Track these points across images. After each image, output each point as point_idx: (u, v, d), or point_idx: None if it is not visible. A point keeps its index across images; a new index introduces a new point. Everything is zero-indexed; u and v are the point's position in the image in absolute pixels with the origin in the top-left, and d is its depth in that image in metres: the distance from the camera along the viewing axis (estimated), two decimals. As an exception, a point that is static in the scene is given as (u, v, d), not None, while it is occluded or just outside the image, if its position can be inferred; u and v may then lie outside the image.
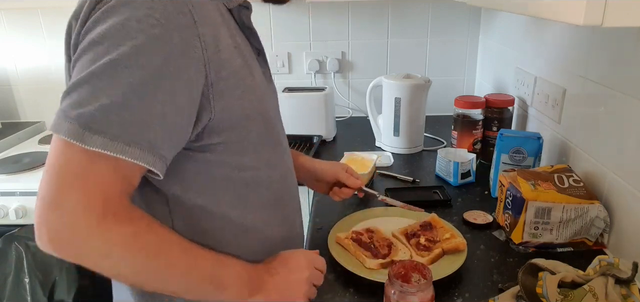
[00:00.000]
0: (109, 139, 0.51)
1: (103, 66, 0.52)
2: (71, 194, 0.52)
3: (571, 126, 1.10)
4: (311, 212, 1.15)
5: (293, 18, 1.83)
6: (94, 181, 0.53)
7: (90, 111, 0.51)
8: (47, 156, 0.54)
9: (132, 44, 0.52)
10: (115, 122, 0.52)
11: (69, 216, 0.51)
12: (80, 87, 0.52)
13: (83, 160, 0.52)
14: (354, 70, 1.91)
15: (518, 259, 0.92)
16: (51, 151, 0.53)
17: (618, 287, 0.67)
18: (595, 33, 0.98)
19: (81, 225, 0.52)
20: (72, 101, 0.52)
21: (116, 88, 0.52)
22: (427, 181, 1.30)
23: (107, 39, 0.52)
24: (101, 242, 0.53)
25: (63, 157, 0.52)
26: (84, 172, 0.52)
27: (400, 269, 0.71)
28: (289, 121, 1.62)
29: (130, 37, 0.52)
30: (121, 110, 0.52)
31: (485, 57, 1.78)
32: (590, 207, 0.91)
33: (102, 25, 0.53)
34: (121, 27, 0.52)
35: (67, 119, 0.51)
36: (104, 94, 0.51)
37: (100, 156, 0.52)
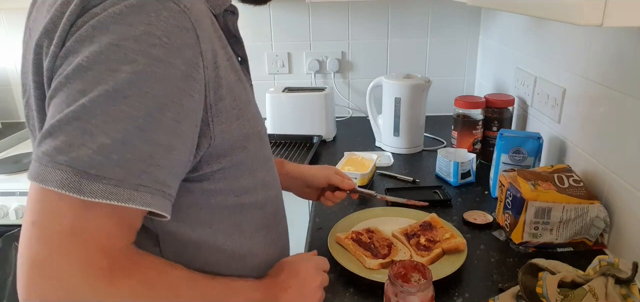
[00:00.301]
0: (113, 186, 0.43)
1: (97, 98, 0.43)
2: (69, 257, 0.43)
3: (571, 126, 1.10)
4: (311, 212, 1.15)
5: (293, 18, 1.83)
6: (95, 237, 0.45)
7: (87, 154, 0.42)
8: (28, 207, 0.44)
9: (131, 70, 0.43)
10: (117, 165, 0.43)
11: (69, 285, 0.43)
12: (68, 125, 0.43)
13: (80, 213, 0.44)
14: (354, 70, 1.91)
15: (518, 259, 0.92)
16: (34, 203, 0.44)
17: (618, 287, 0.67)
18: (595, 33, 0.98)
19: (85, 293, 0.44)
20: (59, 143, 0.42)
21: (115, 123, 0.43)
22: (427, 181, 1.30)
23: (99, 63, 0.43)
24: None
25: (53, 211, 0.43)
26: (82, 227, 0.44)
27: (400, 269, 0.71)
28: (289, 121, 1.62)
29: (128, 60, 0.43)
30: (123, 150, 0.44)
31: (485, 57, 1.78)
32: (590, 207, 0.91)
33: (90, 46, 0.44)
34: (116, 48, 0.43)
35: (56, 166, 0.42)
36: (101, 132, 0.43)
37: (101, 206, 0.44)
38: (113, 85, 0.43)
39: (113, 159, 0.43)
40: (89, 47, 0.44)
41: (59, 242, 0.43)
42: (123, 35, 0.44)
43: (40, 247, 0.43)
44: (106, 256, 0.45)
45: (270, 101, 1.62)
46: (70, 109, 0.43)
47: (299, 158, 1.46)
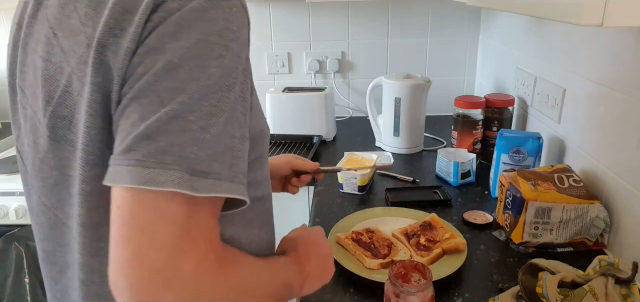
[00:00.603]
0: (216, 180, 0.44)
1: (192, 96, 0.43)
2: (187, 258, 0.42)
3: (571, 126, 1.10)
4: (311, 212, 1.15)
5: (293, 18, 1.83)
6: (203, 233, 0.45)
7: (192, 151, 0.42)
8: (126, 215, 0.42)
9: (218, 65, 0.44)
10: (215, 159, 0.44)
11: (192, 285, 0.43)
12: (167, 125, 0.42)
13: (190, 212, 0.43)
14: (354, 70, 1.91)
15: (518, 259, 0.92)
16: (139, 209, 0.42)
17: (618, 287, 0.67)
18: (595, 33, 0.98)
19: (206, 290, 0.44)
20: (162, 144, 0.42)
21: (209, 119, 0.44)
22: (427, 181, 1.30)
23: (189, 60, 0.43)
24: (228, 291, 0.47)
25: (165, 214, 0.42)
26: (193, 225, 0.44)
27: (400, 269, 0.71)
28: (289, 121, 1.62)
29: (215, 55, 0.44)
30: (218, 144, 0.44)
31: (485, 57, 1.78)
32: (590, 207, 0.91)
33: (176, 43, 0.43)
34: (204, 44, 0.44)
35: (166, 167, 0.41)
36: (199, 128, 0.43)
37: (204, 202, 0.44)
38: (205, 81, 0.43)
39: (211, 154, 0.44)
40: (175, 43, 0.43)
41: (175, 244, 0.42)
42: (208, 31, 0.44)
43: (157, 253, 0.41)
44: (213, 249, 0.46)
45: (270, 101, 1.62)
46: (167, 108, 0.42)
47: (299, 158, 1.46)
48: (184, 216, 0.43)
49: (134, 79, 0.44)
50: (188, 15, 0.43)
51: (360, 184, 1.21)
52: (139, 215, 0.42)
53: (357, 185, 1.21)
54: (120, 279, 0.42)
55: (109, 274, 0.43)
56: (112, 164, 0.43)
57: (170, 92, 0.42)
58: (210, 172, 0.43)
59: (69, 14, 0.48)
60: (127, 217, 0.42)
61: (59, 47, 0.48)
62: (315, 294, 0.83)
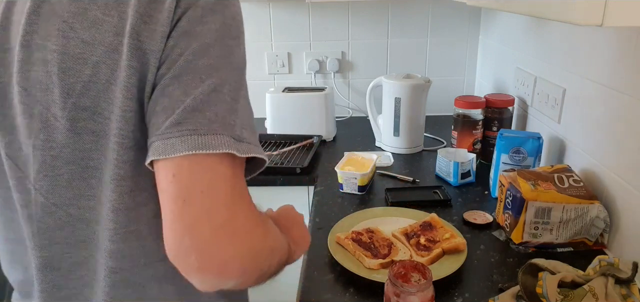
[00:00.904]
0: (249, 144, 0.50)
1: (225, 71, 0.49)
2: (244, 212, 0.49)
3: (571, 126, 1.10)
4: (311, 212, 1.15)
5: (293, 18, 1.83)
6: (246, 191, 0.51)
7: (232, 119, 0.49)
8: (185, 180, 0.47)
9: (239, 43, 0.52)
10: (244, 127, 0.50)
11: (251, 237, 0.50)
12: (210, 97, 0.48)
13: (236, 172, 0.49)
14: (354, 70, 1.91)
15: (518, 259, 0.92)
16: (197, 174, 0.47)
17: (618, 287, 0.67)
18: (595, 33, 0.98)
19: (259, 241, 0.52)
20: (210, 115, 0.47)
21: (239, 91, 0.51)
22: (427, 181, 1.30)
23: (219, 40, 0.49)
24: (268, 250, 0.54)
25: (219, 175, 0.48)
26: (240, 185, 0.50)
27: (400, 269, 0.71)
28: (289, 121, 1.62)
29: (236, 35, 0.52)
30: (245, 114, 0.51)
31: (485, 57, 1.78)
32: (590, 207, 0.91)
33: (205, 26, 0.49)
34: (228, 26, 0.50)
35: (216, 133, 0.47)
36: (233, 100, 0.50)
37: (242, 164, 0.50)
38: (232, 58, 0.50)
39: (242, 122, 0.50)
40: (204, 26, 0.49)
41: (231, 200, 0.48)
42: (227, 14, 0.50)
43: (219, 209, 0.47)
44: (253, 207, 0.52)
45: (270, 101, 1.62)
46: (206, 83, 0.48)
47: (299, 158, 1.46)
48: (232, 175, 0.48)
49: (171, 61, 0.48)
50: (210, 0, 0.49)
51: (360, 184, 1.21)
52: (198, 179, 0.46)
53: (357, 185, 1.21)
54: (187, 239, 0.46)
55: (169, 241, 0.47)
56: (161, 138, 0.47)
57: (207, 69, 0.48)
58: (243, 137, 0.49)
59: (86, 7, 0.49)
60: (186, 182, 0.46)
61: (79, 39, 0.49)
62: (316, 294, 0.83)
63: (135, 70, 0.49)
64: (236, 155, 0.48)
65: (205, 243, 0.46)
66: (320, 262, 0.93)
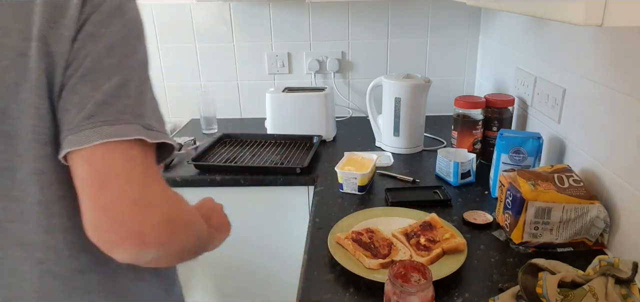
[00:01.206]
0: (158, 131, 0.56)
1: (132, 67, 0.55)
2: (155, 186, 0.54)
3: (571, 126, 1.10)
4: (311, 212, 1.15)
5: (293, 18, 1.83)
6: (156, 171, 0.56)
7: (141, 109, 0.54)
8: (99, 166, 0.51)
9: (142, 44, 0.57)
10: (153, 118, 0.56)
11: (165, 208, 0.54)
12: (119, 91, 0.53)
13: (146, 155, 0.54)
14: (354, 70, 1.91)
15: (518, 259, 0.92)
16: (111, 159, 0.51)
17: (618, 287, 0.67)
18: (595, 33, 0.98)
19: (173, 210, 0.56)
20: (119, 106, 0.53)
21: (146, 84, 0.57)
22: (427, 181, 1.30)
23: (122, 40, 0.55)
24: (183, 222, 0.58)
25: (131, 159, 0.52)
26: (150, 164, 0.55)
27: (400, 269, 0.71)
28: (289, 121, 1.62)
29: (137, 36, 0.57)
30: (153, 103, 0.57)
31: (485, 57, 1.78)
32: (590, 207, 0.91)
33: (109, 28, 0.54)
34: (129, 28, 0.56)
35: (126, 122, 0.52)
36: (141, 92, 0.56)
37: (151, 149, 0.55)
38: (136, 57, 0.55)
39: (149, 113, 0.55)
40: (108, 29, 0.53)
41: (144, 179, 0.53)
42: (129, 18, 0.55)
43: (133, 187, 0.52)
44: (166, 184, 0.56)
45: (270, 101, 1.62)
46: (113, 80, 0.52)
47: (299, 158, 1.46)
48: (143, 158, 0.53)
49: (78, 62, 0.52)
50: (112, 5, 0.54)
51: (360, 184, 1.21)
52: (112, 164, 0.51)
53: (357, 185, 1.21)
54: (104, 217, 0.51)
55: (89, 223, 0.52)
56: (73, 132, 0.51)
57: (113, 67, 0.53)
58: (152, 125, 0.55)
59: None
60: (101, 168, 0.51)
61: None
62: (316, 294, 0.83)
63: (43, 71, 0.52)
64: (146, 141, 0.53)
65: (122, 217, 0.51)
66: (320, 262, 0.93)
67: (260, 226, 1.44)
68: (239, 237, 1.47)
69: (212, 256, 1.49)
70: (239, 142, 1.64)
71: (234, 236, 1.46)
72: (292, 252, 1.45)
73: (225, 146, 1.60)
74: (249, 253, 1.48)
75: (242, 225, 1.45)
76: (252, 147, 1.58)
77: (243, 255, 1.49)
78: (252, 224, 1.44)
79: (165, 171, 1.40)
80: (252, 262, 1.49)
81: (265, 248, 1.47)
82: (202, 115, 1.79)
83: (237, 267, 1.50)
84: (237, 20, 1.83)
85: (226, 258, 1.49)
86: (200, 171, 1.40)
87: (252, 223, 1.44)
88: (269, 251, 1.47)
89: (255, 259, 1.49)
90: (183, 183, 1.37)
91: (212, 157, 1.49)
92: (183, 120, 1.98)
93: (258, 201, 1.41)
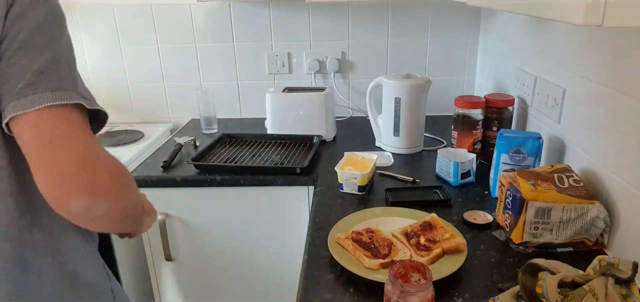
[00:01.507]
0: (90, 101, 0.62)
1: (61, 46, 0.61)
2: (96, 146, 0.61)
3: (571, 126, 1.10)
4: (311, 212, 1.15)
5: (293, 18, 1.83)
6: (92, 134, 0.62)
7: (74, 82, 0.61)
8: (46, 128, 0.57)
9: (66, 26, 0.63)
10: (83, 90, 0.63)
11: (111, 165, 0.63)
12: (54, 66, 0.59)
13: (83, 119, 0.61)
14: (354, 70, 1.91)
15: (518, 259, 0.92)
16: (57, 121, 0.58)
17: (618, 287, 0.67)
18: (595, 33, 0.98)
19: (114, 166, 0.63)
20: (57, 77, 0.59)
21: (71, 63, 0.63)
22: (427, 181, 1.30)
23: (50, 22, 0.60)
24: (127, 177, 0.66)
25: (74, 122, 0.59)
26: (87, 128, 0.61)
27: (400, 269, 0.71)
28: (289, 121, 1.62)
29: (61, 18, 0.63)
30: (80, 81, 0.64)
31: (485, 57, 1.78)
32: (590, 207, 0.91)
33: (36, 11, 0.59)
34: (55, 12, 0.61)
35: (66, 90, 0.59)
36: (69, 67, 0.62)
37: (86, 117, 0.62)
38: (63, 38, 0.62)
39: (82, 87, 0.63)
40: (34, 11, 0.58)
41: (86, 140, 0.60)
42: (53, 3, 0.61)
43: (78, 147, 0.59)
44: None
45: (270, 101, 1.62)
46: (46, 54, 0.58)
47: (299, 158, 1.46)
48: (83, 122, 0.60)
49: (11, 37, 0.57)
50: None
51: (360, 184, 1.21)
52: (59, 125, 0.58)
53: (357, 185, 1.21)
54: (56, 173, 0.57)
55: (42, 180, 0.57)
56: (16, 98, 0.56)
57: (45, 43, 0.59)
58: (86, 96, 0.62)
59: None
60: (49, 129, 0.57)
61: None
62: (316, 294, 0.83)
63: None
64: (85, 106, 0.60)
65: (73, 173, 0.57)
66: (320, 262, 0.93)
67: (260, 226, 1.44)
68: (239, 237, 1.47)
69: (213, 256, 1.50)
70: (239, 142, 1.64)
71: (234, 236, 1.47)
72: (292, 252, 1.45)
73: (225, 146, 1.60)
74: (249, 253, 1.48)
75: (242, 225, 1.45)
76: (252, 147, 1.58)
77: (243, 255, 1.49)
78: (252, 224, 1.44)
79: (165, 171, 1.40)
80: (252, 262, 1.50)
81: (265, 248, 1.47)
82: (202, 115, 1.79)
83: (237, 267, 1.50)
84: (237, 20, 1.83)
85: (226, 258, 1.50)
86: (200, 171, 1.40)
87: (252, 223, 1.44)
88: (269, 251, 1.47)
89: (255, 259, 1.49)
90: (183, 183, 1.37)
91: (212, 157, 1.49)
92: (183, 120, 1.98)
93: (258, 201, 1.41)
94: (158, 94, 1.94)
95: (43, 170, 0.57)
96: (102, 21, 1.83)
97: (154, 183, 1.38)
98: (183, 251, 1.49)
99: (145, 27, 1.84)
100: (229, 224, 1.45)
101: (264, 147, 1.58)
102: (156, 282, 1.55)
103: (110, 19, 1.84)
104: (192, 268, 1.52)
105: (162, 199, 1.41)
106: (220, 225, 1.45)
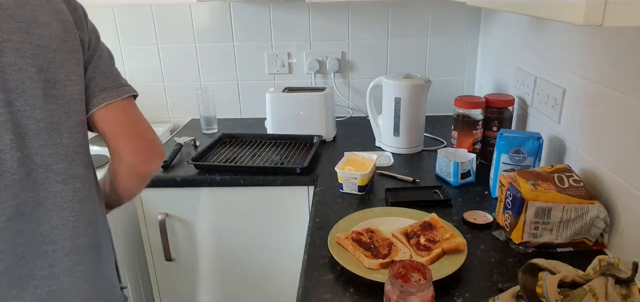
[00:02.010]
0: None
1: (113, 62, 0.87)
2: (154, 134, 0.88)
3: (571, 126, 1.10)
4: (311, 212, 1.15)
5: (293, 18, 1.83)
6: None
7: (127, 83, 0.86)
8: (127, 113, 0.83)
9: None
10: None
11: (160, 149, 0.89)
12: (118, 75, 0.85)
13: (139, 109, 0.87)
14: (354, 70, 1.91)
15: (518, 259, 0.92)
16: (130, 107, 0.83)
17: (618, 287, 0.67)
18: (595, 33, 0.98)
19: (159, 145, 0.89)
20: (123, 82, 0.84)
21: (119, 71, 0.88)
22: (427, 181, 1.30)
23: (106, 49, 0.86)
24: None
25: (136, 110, 0.85)
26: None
27: (400, 269, 0.71)
28: (289, 121, 1.62)
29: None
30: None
31: (485, 57, 1.78)
32: (590, 207, 0.91)
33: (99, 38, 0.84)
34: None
35: (131, 89, 0.84)
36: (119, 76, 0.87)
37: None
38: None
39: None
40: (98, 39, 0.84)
41: (148, 126, 0.87)
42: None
43: (147, 123, 0.86)
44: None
45: (270, 101, 1.62)
46: (110, 61, 0.85)
47: (299, 158, 1.46)
48: (139, 110, 0.87)
49: (92, 47, 0.80)
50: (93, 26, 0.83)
51: (360, 184, 1.21)
52: (134, 110, 0.85)
53: (357, 185, 1.21)
54: (144, 141, 0.85)
55: (130, 148, 0.83)
56: (109, 90, 0.80)
57: (105, 52, 0.84)
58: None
59: (33, 13, 0.69)
60: (131, 112, 0.84)
61: (38, 34, 0.70)
62: (316, 294, 0.83)
63: (80, 52, 0.76)
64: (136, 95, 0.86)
65: (152, 140, 0.86)
66: (320, 262, 0.93)
67: (260, 226, 1.44)
68: (239, 237, 1.47)
69: (213, 256, 1.50)
70: (239, 142, 1.64)
71: (234, 235, 1.47)
72: (292, 252, 1.45)
73: (225, 146, 1.60)
74: (249, 253, 1.48)
75: (242, 225, 1.45)
76: (252, 147, 1.58)
77: (243, 255, 1.49)
78: (252, 224, 1.44)
79: (165, 171, 1.40)
80: (252, 262, 1.50)
81: (265, 248, 1.47)
82: (202, 116, 1.79)
83: (237, 267, 1.50)
84: (237, 20, 1.83)
85: (226, 258, 1.50)
86: (200, 170, 1.40)
87: (252, 223, 1.44)
88: (269, 251, 1.47)
89: (255, 259, 1.49)
90: (183, 183, 1.37)
91: (212, 157, 1.49)
92: (183, 120, 1.98)
93: (258, 201, 1.41)
94: (158, 94, 1.94)
95: (133, 139, 0.83)
96: (102, 21, 1.83)
97: (154, 183, 1.38)
98: (183, 251, 1.49)
99: (145, 27, 1.85)
100: (229, 224, 1.45)
101: (264, 147, 1.58)
102: (156, 282, 1.56)
103: (110, 19, 1.84)
104: (192, 268, 1.52)
105: (162, 199, 1.41)
106: (220, 225, 1.45)
